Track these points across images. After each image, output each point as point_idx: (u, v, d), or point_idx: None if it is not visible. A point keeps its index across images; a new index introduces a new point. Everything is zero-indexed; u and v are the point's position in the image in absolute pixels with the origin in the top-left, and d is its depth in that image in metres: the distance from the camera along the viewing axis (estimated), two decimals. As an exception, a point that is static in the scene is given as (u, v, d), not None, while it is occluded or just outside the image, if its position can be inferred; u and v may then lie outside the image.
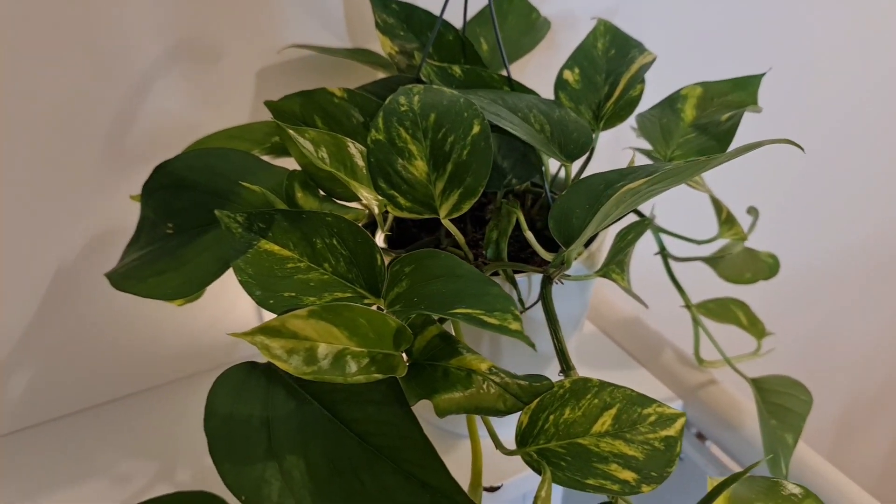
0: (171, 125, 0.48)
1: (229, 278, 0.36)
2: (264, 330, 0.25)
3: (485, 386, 0.29)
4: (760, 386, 0.49)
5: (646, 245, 0.51)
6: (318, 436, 0.28)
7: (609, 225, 0.35)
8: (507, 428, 0.36)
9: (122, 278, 0.36)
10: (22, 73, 0.43)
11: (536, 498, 0.28)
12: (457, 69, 0.43)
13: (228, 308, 0.56)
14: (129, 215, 0.49)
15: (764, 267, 0.54)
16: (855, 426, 1.24)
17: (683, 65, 0.68)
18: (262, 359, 0.33)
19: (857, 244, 1.02)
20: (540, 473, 0.30)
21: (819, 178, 0.91)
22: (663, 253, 0.53)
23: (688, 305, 0.53)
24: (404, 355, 0.29)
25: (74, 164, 0.46)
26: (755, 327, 0.55)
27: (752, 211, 0.55)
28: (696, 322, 0.53)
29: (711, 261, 0.55)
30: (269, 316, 0.58)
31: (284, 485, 0.27)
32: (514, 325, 0.25)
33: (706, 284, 0.60)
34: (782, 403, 0.47)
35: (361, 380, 0.25)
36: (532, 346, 0.25)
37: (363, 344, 0.27)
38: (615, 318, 0.63)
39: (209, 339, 0.56)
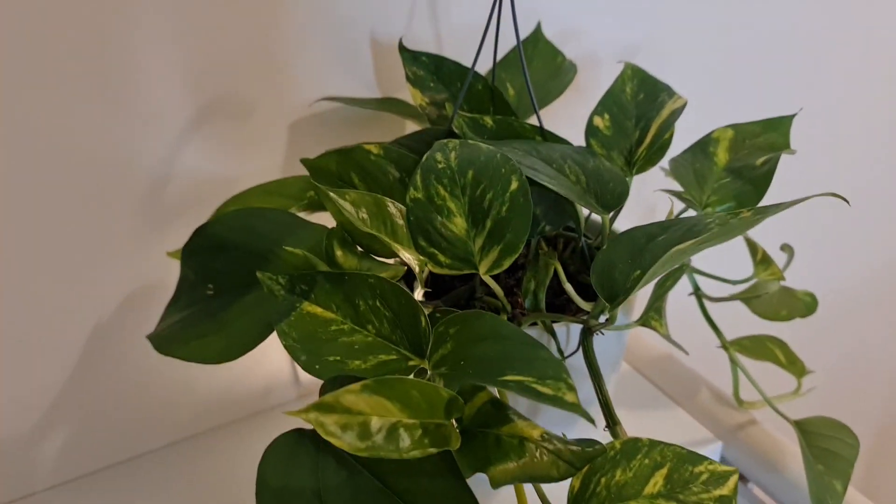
0: (205, 180, 0.48)
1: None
2: (319, 406, 0.25)
3: (538, 454, 0.28)
4: (804, 428, 0.48)
5: (678, 284, 0.50)
6: (371, 508, 0.28)
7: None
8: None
9: (164, 342, 0.36)
10: (57, 132, 0.43)
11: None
12: (488, 120, 0.43)
13: (261, 356, 0.56)
14: (164, 271, 0.49)
15: (801, 305, 0.53)
16: (885, 456, 1.21)
17: (704, 103, 0.68)
18: (302, 421, 0.33)
19: (881, 273, 1.01)
20: (595, 540, 0.29)
21: (843, 210, 0.90)
22: (698, 293, 0.53)
23: (725, 346, 0.53)
24: (454, 422, 0.29)
25: (109, 221, 0.47)
26: (794, 366, 0.54)
27: (787, 248, 0.54)
28: (734, 363, 0.53)
29: (746, 299, 0.54)
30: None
31: (337, 559, 0.27)
32: (570, 397, 0.25)
33: (737, 319, 0.59)
34: (828, 447, 0.46)
35: (416, 455, 0.25)
36: (592, 421, 0.25)
37: (415, 415, 0.27)
38: (648, 357, 0.62)
39: (243, 387, 0.56)
